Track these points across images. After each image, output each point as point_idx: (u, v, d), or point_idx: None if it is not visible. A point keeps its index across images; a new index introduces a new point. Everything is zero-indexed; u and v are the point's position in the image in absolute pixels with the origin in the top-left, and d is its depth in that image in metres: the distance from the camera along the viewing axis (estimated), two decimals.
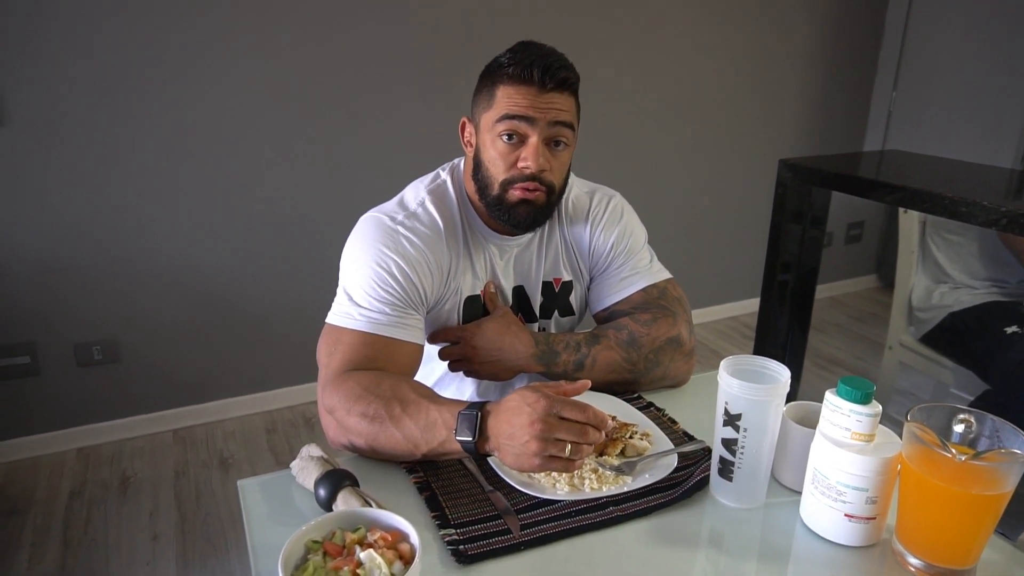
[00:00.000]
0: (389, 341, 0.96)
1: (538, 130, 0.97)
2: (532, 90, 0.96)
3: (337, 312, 0.99)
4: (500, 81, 0.98)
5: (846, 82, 3.31)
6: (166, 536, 1.87)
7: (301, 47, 2.21)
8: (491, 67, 1.01)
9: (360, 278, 0.99)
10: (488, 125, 0.99)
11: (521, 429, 0.77)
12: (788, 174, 1.75)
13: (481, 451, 0.82)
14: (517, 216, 1.01)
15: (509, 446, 0.79)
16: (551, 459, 0.77)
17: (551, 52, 0.98)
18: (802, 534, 0.78)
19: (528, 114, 0.96)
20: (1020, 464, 0.66)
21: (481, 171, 1.02)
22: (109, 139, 2.07)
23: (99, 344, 2.20)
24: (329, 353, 0.95)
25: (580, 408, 0.77)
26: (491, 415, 0.81)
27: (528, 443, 0.77)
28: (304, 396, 2.53)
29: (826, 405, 0.75)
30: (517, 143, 0.98)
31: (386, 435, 0.86)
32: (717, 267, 3.27)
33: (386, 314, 0.97)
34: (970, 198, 1.29)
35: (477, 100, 1.03)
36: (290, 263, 2.39)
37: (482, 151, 1.01)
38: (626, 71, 2.74)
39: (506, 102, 0.97)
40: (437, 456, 0.86)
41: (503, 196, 1.00)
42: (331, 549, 0.67)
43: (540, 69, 0.95)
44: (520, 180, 0.99)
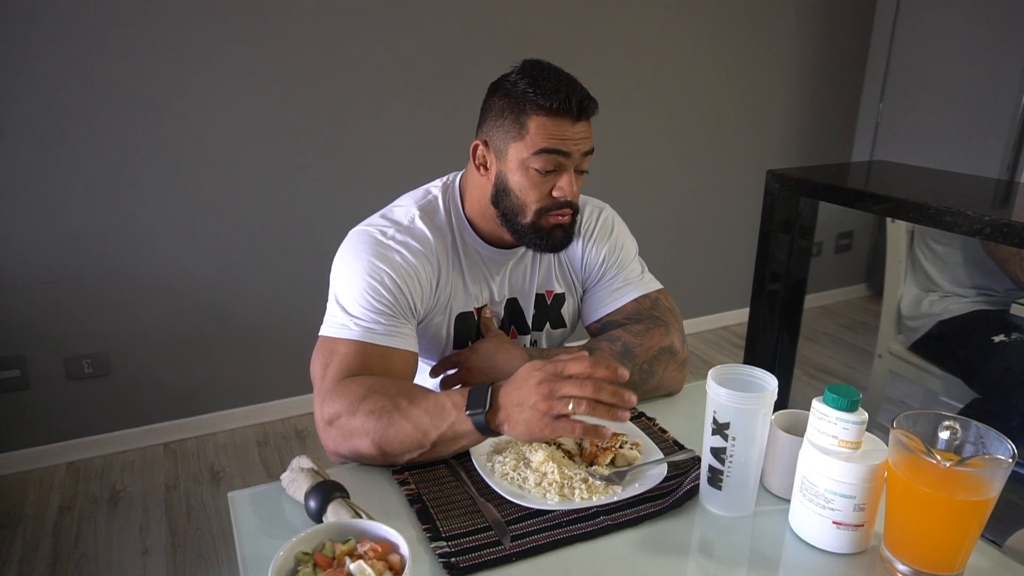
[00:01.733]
0: (385, 350, 0.97)
1: (573, 161, 0.99)
2: (568, 122, 0.97)
3: (330, 324, 0.99)
4: (532, 111, 0.97)
5: (834, 93, 3.35)
6: (156, 551, 1.86)
7: (295, 60, 2.22)
8: (511, 92, 0.98)
9: (353, 290, 0.99)
10: (520, 156, 0.99)
11: (529, 392, 0.79)
12: (776, 185, 1.76)
13: (491, 424, 0.82)
14: (555, 240, 1.04)
15: (518, 413, 0.80)
16: (559, 420, 0.78)
17: (573, 79, 0.99)
18: (791, 542, 0.78)
19: (566, 148, 0.98)
20: (1004, 470, 0.67)
21: (509, 198, 1.02)
22: (99, 152, 2.07)
23: (89, 357, 2.19)
24: (325, 365, 0.95)
25: (581, 361, 0.79)
26: (501, 388, 0.83)
27: (536, 404, 0.78)
28: (296, 408, 2.52)
29: (813, 413, 0.76)
30: (552, 173, 0.99)
31: (395, 428, 0.86)
32: (707, 277, 3.28)
33: (380, 323, 0.97)
34: (955, 207, 1.30)
35: (499, 126, 1.00)
36: (281, 275, 2.38)
37: (508, 179, 1.01)
38: (616, 82, 2.76)
39: (543, 135, 0.97)
40: (446, 443, 0.85)
41: (538, 223, 1.02)
42: (321, 561, 0.67)
43: (577, 101, 0.96)
44: (554, 208, 1.01)
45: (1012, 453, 0.68)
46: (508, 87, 0.99)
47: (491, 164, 1.03)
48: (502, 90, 1.00)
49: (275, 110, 2.24)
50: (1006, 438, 0.69)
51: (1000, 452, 0.69)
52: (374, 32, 2.30)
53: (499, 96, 1.00)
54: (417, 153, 2.45)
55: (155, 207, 2.17)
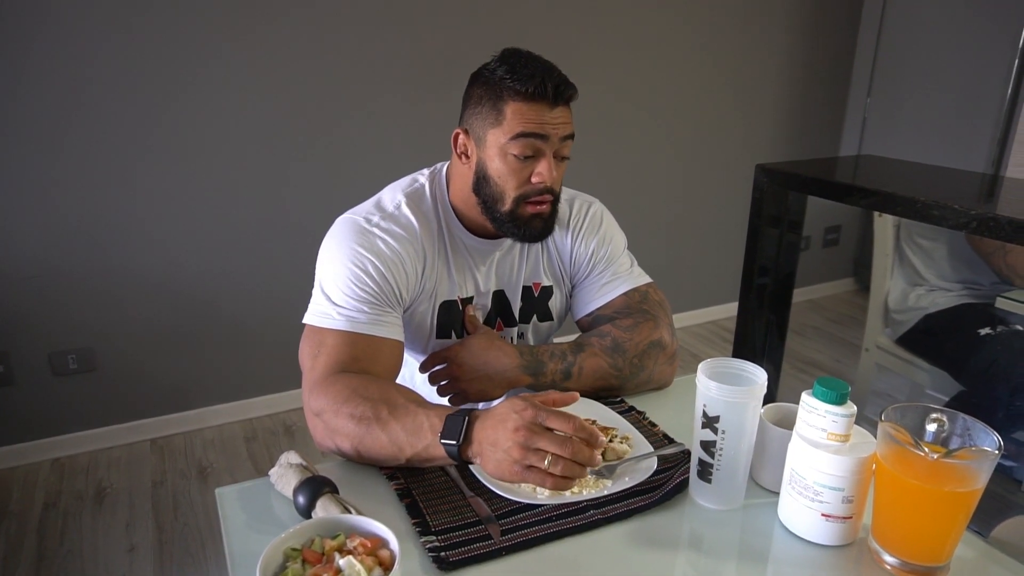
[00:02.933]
0: (371, 339, 0.96)
1: (550, 146, 0.98)
2: (544, 106, 0.96)
3: (315, 312, 0.98)
4: (508, 97, 0.96)
5: (822, 88, 3.36)
6: (143, 547, 1.84)
7: (283, 57, 2.20)
8: (489, 80, 0.98)
9: (337, 278, 0.99)
10: (497, 141, 0.98)
11: (505, 435, 0.77)
12: (765, 179, 1.77)
13: (464, 456, 0.81)
14: (533, 229, 1.03)
15: (491, 452, 0.78)
16: (530, 469, 0.77)
17: (551, 65, 0.99)
18: (780, 534, 0.79)
19: (543, 132, 0.97)
20: (990, 461, 0.67)
21: (489, 186, 1.01)
22: (86, 147, 2.04)
23: (74, 353, 2.16)
24: (313, 356, 0.95)
25: (566, 419, 0.77)
26: (478, 420, 0.81)
27: (510, 450, 0.76)
28: (284, 403, 2.51)
29: (802, 406, 0.76)
30: (529, 159, 0.99)
31: (372, 437, 0.85)
32: (697, 271, 3.29)
33: (364, 312, 0.97)
34: (942, 201, 1.31)
35: (478, 113, 1.00)
36: (269, 270, 2.37)
37: (488, 166, 1.00)
38: (606, 77, 2.76)
39: (519, 120, 0.96)
40: (421, 461, 0.85)
41: (516, 211, 1.01)
42: (310, 556, 0.67)
43: (552, 85, 0.95)
44: (533, 195, 1.00)
45: (998, 445, 0.68)
46: (487, 75, 0.99)
47: (471, 152, 1.03)
48: (481, 78, 1.00)
49: (263, 106, 2.22)
50: (992, 430, 0.70)
51: (986, 444, 0.69)
52: (362, 28, 2.28)
53: (478, 84, 1.00)
54: (405, 148, 2.44)
55: (142, 202, 2.15)
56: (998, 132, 2.84)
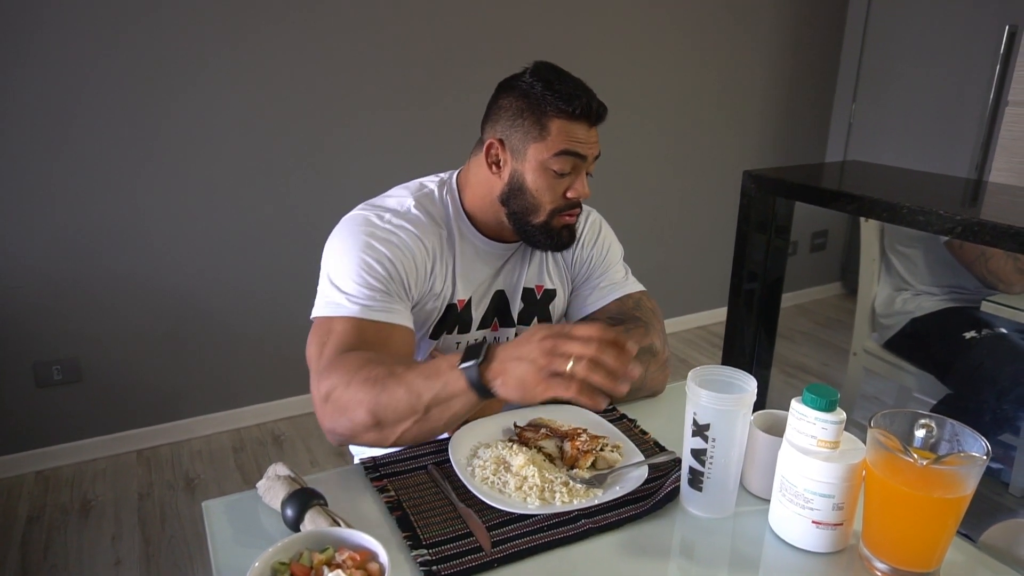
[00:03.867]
0: (382, 325, 0.96)
1: (587, 164, 1.03)
2: (585, 126, 1.01)
3: (324, 303, 0.97)
4: (553, 114, 0.99)
5: (808, 95, 3.39)
6: (129, 560, 1.82)
7: (277, 60, 2.19)
8: (529, 94, 1.00)
9: (348, 267, 0.98)
10: (539, 156, 1.01)
11: (530, 346, 0.77)
12: (752, 185, 1.78)
13: (484, 379, 0.79)
14: (563, 240, 1.07)
15: (515, 366, 0.77)
16: (554, 378, 0.75)
17: (587, 86, 1.03)
18: (771, 542, 0.79)
19: (584, 151, 1.01)
20: (979, 467, 0.67)
21: (524, 197, 1.03)
22: (70, 156, 2.02)
23: (59, 363, 2.14)
24: (321, 344, 0.94)
25: (591, 328, 0.77)
26: (500, 345, 0.81)
27: (536, 358, 0.76)
28: (273, 413, 2.49)
29: (792, 413, 0.76)
30: (566, 175, 1.02)
31: (388, 393, 0.84)
32: (686, 277, 3.30)
33: (376, 300, 0.96)
34: (927, 207, 1.32)
35: (518, 126, 1.01)
36: (257, 279, 2.35)
37: (525, 178, 1.02)
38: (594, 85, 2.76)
39: (564, 137, 0.99)
40: (440, 405, 0.83)
41: (550, 223, 1.04)
42: (298, 571, 0.66)
43: (596, 106, 1.01)
44: (567, 208, 1.04)
45: (986, 450, 0.69)
46: (525, 88, 1.01)
47: (505, 163, 1.04)
48: (518, 90, 1.02)
49: (254, 114, 2.21)
50: (980, 436, 0.70)
51: (975, 450, 0.70)
52: (356, 34, 2.28)
53: (515, 96, 1.02)
54: (400, 156, 2.43)
55: (128, 211, 2.13)
56: (981, 137, 2.88)
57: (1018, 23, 2.66)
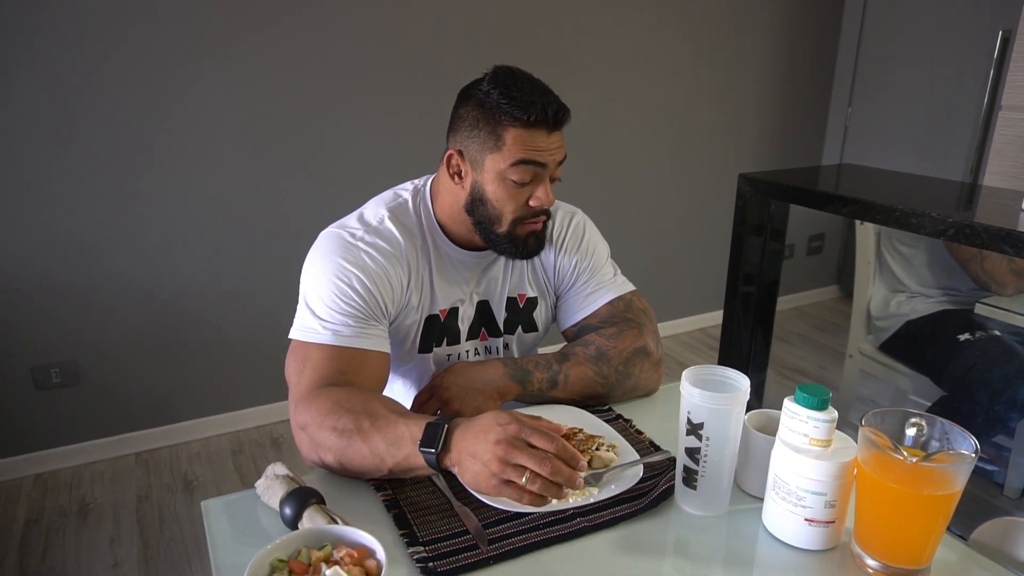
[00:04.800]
0: (356, 352, 0.96)
1: (549, 171, 1.00)
2: (543, 133, 0.97)
3: (300, 327, 0.98)
4: (508, 123, 0.96)
5: (804, 99, 3.41)
6: (128, 563, 1.82)
7: (272, 67, 2.20)
8: (485, 103, 0.97)
9: (321, 292, 0.99)
10: (497, 167, 0.98)
11: (485, 447, 0.77)
12: (748, 188, 1.79)
13: (442, 465, 0.81)
14: (529, 248, 1.05)
15: (470, 463, 0.78)
16: (507, 484, 0.77)
17: (546, 88, 0.99)
18: (764, 539, 0.79)
19: (543, 160, 0.98)
20: (968, 464, 0.68)
21: (485, 207, 1.01)
22: (67, 160, 2.03)
23: (57, 366, 2.14)
24: (298, 371, 0.95)
25: (549, 438, 0.77)
26: (458, 429, 0.81)
27: (489, 463, 0.76)
28: (271, 416, 2.49)
29: (785, 412, 0.77)
30: (528, 184, 1.00)
31: (354, 449, 0.85)
32: (682, 280, 3.32)
33: (349, 326, 0.97)
34: (921, 210, 1.33)
35: (475, 137, 0.99)
36: (254, 281, 2.36)
37: (486, 189, 1.00)
38: (592, 87, 2.78)
39: (519, 147, 0.97)
40: (403, 472, 0.85)
41: (513, 232, 1.02)
42: (296, 568, 0.67)
43: (552, 112, 0.96)
44: (530, 217, 1.02)
45: (975, 448, 0.70)
46: (481, 97, 0.98)
47: (466, 174, 1.02)
48: (474, 99, 0.99)
49: (248, 117, 2.22)
50: (969, 434, 0.71)
51: (964, 447, 0.71)
52: (350, 40, 2.29)
53: (472, 106, 0.99)
54: (392, 159, 2.45)
55: (126, 214, 2.13)
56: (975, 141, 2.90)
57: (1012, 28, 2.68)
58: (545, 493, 0.77)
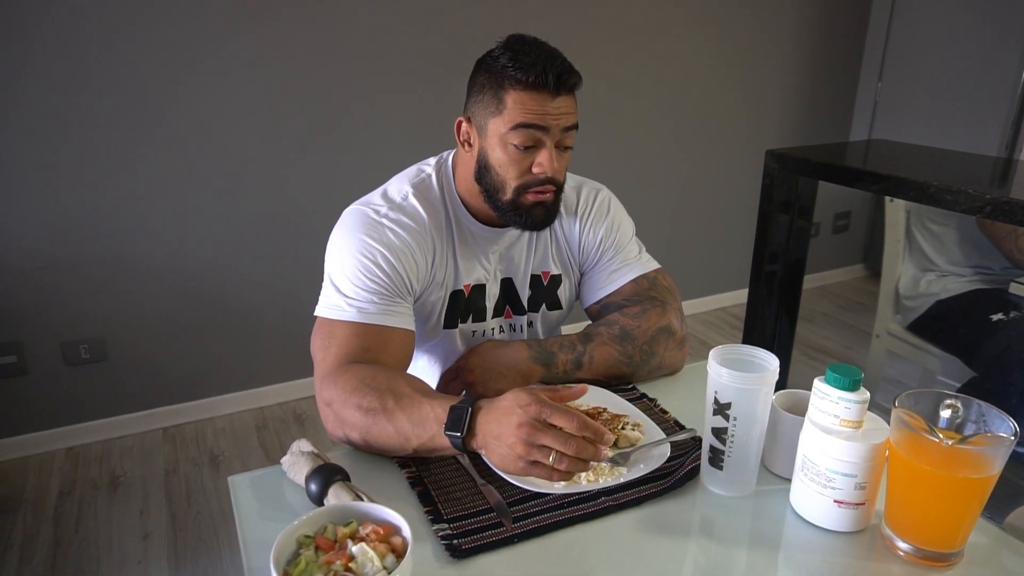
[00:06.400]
0: (381, 329, 0.96)
1: (551, 136, 0.97)
2: (545, 96, 0.94)
3: (325, 304, 0.99)
4: (509, 86, 0.95)
5: (832, 73, 3.32)
6: (157, 535, 1.86)
7: (289, 46, 2.19)
8: (492, 67, 0.97)
9: (346, 269, 0.99)
10: (498, 131, 0.97)
11: (509, 430, 0.76)
12: (775, 164, 1.75)
13: (468, 447, 0.81)
14: (535, 218, 1.02)
15: (495, 445, 0.78)
16: (534, 464, 0.76)
17: (554, 53, 0.96)
18: (792, 521, 0.78)
19: (543, 123, 0.95)
20: (1006, 447, 0.67)
21: (490, 175, 1.00)
22: (95, 137, 2.04)
23: (86, 343, 2.18)
24: (324, 347, 0.95)
25: (570, 417, 0.76)
26: (482, 411, 0.81)
27: (514, 445, 0.76)
28: (295, 392, 2.52)
29: (815, 393, 0.75)
30: (530, 149, 0.97)
31: (379, 428, 0.86)
32: (705, 258, 3.28)
33: (374, 303, 0.97)
34: (955, 186, 1.30)
35: (480, 101, 0.99)
36: (280, 258, 2.37)
37: (490, 155, 0.99)
38: (614, 65, 2.73)
39: (520, 110, 0.94)
40: (428, 451, 0.85)
41: (517, 200, 1.00)
42: (323, 543, 0.67)
43: (554, 75, 0.93)
44: (535, 185, 0.99)
45: (1014, 431, 0.68)
46: (490, 62, 0.97)
47: (474, 140, 1.02)
48: (484, 65, 0.99)
49: (270, 96, 2.22)
50: (1007, 416, 0.69)
51: (1002, 430, 0.69)
52: (366, 18, 2.27)
53: (481, 72, 0.99)
54: (411, 134, 2.43)
55: (152, 192, 2.15)
56: (1011, 115, 2.81)
57: None
58: (573, 470, 0.77)
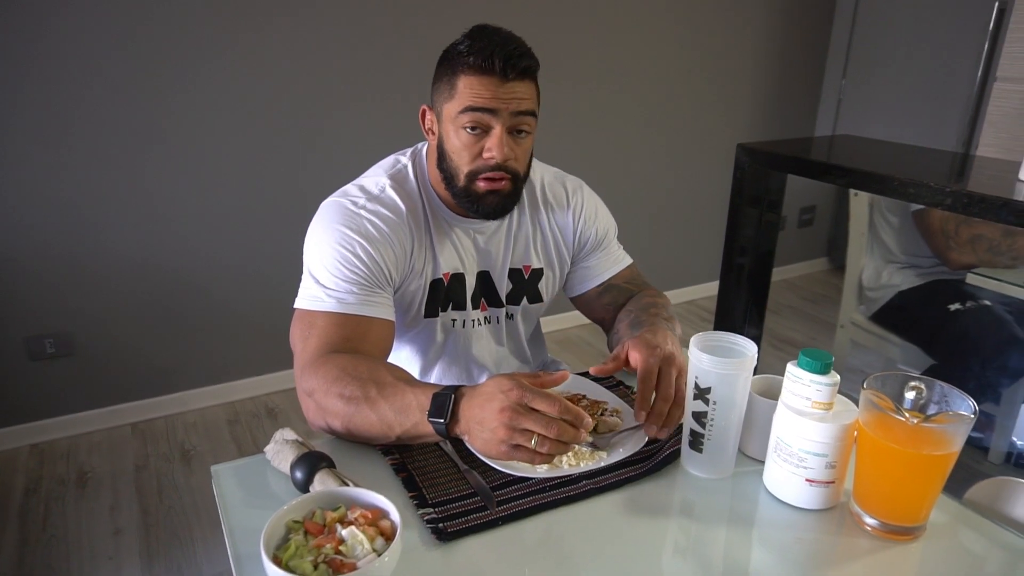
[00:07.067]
0: (360, 319, 0.97)
1: (501, 120, 0.97)
2: (494, 80, 0.95)
3: (305, 296, 0.99)
4: (461, 71, 0.96)
5: (798, 71, 3.40)
6: (128, 530, 1.84)
7: (265, 34, 2.16)
8: (450, 54, 0.99)
9: (325, 260, 0.99)
10: (450, 116, 0.98)
11: (491, 415, 0.77)
12: (746, 158, 1.80)
13: (452, 434, 0.82)
14: (486, 206, 1.02)
15: (478, 431, 0.79)
16: (517, 448, 0.77)
17: (510, 38, 0.97)
18: (765, 500, 0.81)
19: (491, 106, 0.95)
20: (966, 425, 0.70)
21: (446, 161, 1.02)
22: (62, 126, 1.99)
23: (52, 337, 2.13)
24: (304, 338, 0.95)
25: (552, 401, 0.77)
26: (464, 398, 0.81)
27: (496, 430, 0.77)
28: (267, 386, 2.50)
29: (788, 376, 0.78)
30: (481, 134, 0.98)
31: (361, 416, 0.86)
32: (674, 252, 3.33)
33: (354, 293, 0.97)
34: (918, 179, 1.35)
35: (437, 88, 1.01)
36: (251, 252, 2.35)
37: (445, 141, 1.01)
38: (585, 60, 2.76)
39: (468, 93, 0.96)
40: (411, 439, 0.86)
41: (470, 187, 1.01)
42: (312, 528, 0.68)
43: (501, 59, 0.94)
44: (486, 170, 0.99)
45: (973, 409, 0.72)
46: (450, 50, 0.99)
47: (435, 128, 1.04)
48: (445, 54, 1.00)
49: (243, 84, 2.19)
50: (968, 396, 0.73)
51: (962, 409, 0.73)
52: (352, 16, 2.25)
53: (442, 60, 1.01)
54: (388, 128, 2.42)
55: (120, 183, 2.11)
56: (968, 112, 2.91)
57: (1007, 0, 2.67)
58: (554, 452, 0.78)
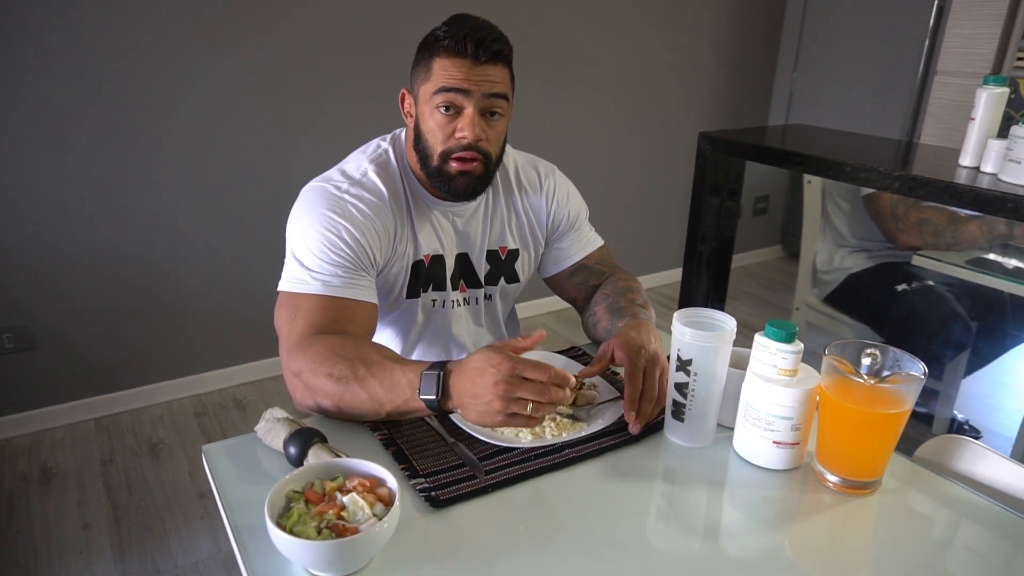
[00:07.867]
0: (346, 302, 0.99)
1: (473, 101, 1.00)
2: (467, 63, 0.99)
3: (289, 279, 1.00)
4: (436, 54, 1.00)
5: (753, 63, 3.51)
6: (98, 525, 1.82)
7: (236, 25, 2.14)
8: (428, 39, 1.03)
9: (310, 243, 1.01)
10: (426, 97, 1.02)
11: (485, 389, 0.80)
12: (708, 146, 1.86)
13: (444, 408, 0.85)
14: (457, 186, 1.05)
15: (473, 404, 0.82)
16: (513, 416, 0.81)
17: (485, 25, 1.01)
18: (735, 463, 0.87)
19: (463, 86, 0.99)
20: (917, 384, 0.77)
21: (421, 142, 1.05)
22: (19, 115, 1.94)
23: (10, 331, 2.08)
24: (289, 320, 0.97)
25: (542, 369, 0.81)
26: (453, 374, 0.84)
27: (492, 402, 0.80)
28: (234, 378, 2.48)
29: (755, 346, 0.84)
30: (454, 115, 1.01)
31: (351, 394, 0.88)
32: (636, 240, 3.40)
33: (339, 276, 0.99)
34: (869, 165, 1.43)
35: (415, 72, 1.05)
36: (214, 242, 2.32)
37: (421, 122, 1.04)
38: (551, 46, 2.80)
39: (442, 75, 1.00)
40: (401, 415, 0.89)
41: (443, 167, 1.04)
42: (312, 497, 0.70)
43: (474, 42, 0.98)
44: (458, 150, 1.03)
45: (924, 371, 0.78)
46: (429, 36, 1.03)
47: (412, 110, 1.08)
48: (423, 40, 1.04)
49: (215, 73, 2.16)
50: (917, 359, 0.80)
51: (914, 370, 0.79)
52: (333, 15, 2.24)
53: (421, 46, 1.05)
54: (364, 115, 2.42)
55: (79, 171, 2.06)
56: (911, 104, 3.05)
57: None
58: (546, 414, 0.83)
